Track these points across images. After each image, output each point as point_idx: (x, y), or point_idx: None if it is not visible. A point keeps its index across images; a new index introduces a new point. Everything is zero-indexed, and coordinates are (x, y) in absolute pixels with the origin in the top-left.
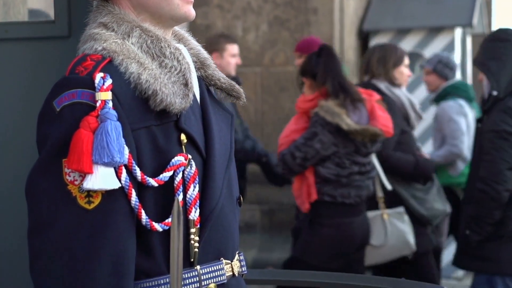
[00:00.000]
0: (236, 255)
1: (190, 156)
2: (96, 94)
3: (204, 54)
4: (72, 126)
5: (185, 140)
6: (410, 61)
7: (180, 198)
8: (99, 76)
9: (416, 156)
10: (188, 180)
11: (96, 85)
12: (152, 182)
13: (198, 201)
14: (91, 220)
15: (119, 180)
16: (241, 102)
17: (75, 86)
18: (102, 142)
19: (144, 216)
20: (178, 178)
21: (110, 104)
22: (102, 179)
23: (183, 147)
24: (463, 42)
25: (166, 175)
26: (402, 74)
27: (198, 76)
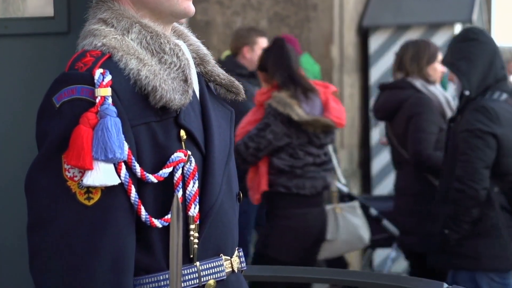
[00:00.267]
0: (236, 251)
1: (189, 152)
2: (96, 90)
3: (204, 50)
4: (72, 122)
5: (184, 136)
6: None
7: (179, 194)
8: (98, 72)
9: None
10: (187, 176)
11: (95, 81)
12: (152, 178)
13: (198, 197)
14: (91, 216)
15: (119, 176)
16: (240, 98)
17: (74, 82)
18: (102, 138)
19: (143, 212)
20: (178, 174)
21: (110, 100)
22: (102, 175)
23: (183, 143)
24: None
25: (166, 171)
26: (436, 70)
27: (197, 72)
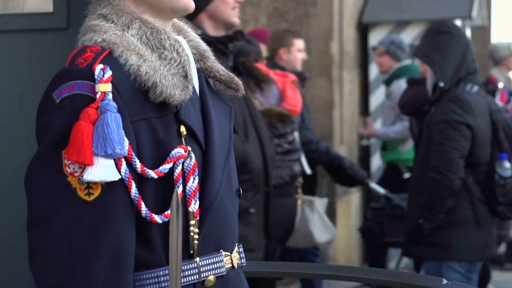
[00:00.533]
0: (236, 247)
1: (189, 148)
2: (96, 85)
3: (203, 46)
4: (72, 118)
5: (184, 132)
6: (409, 53)
7: (179, 190)
8: (99, 67)
9: None
10: (187, 172)
11: (96, 76)
12: (152, 174)
13: (198, 193)
14: (91, 212)
15: (119, 171)
16: (239, 94)
17: (74, 77)
18: (102, 133)
19: (143, 208)
20: (178, 170)
21: (110, 95)
22: (102, 170)
23: (183, 139)
24: None
25: (166, 167)
26: None
27: (197, 68)
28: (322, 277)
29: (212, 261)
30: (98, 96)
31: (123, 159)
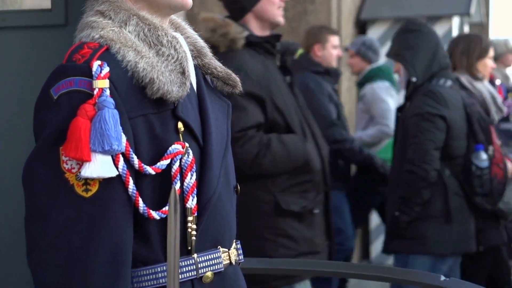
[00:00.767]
0: (233, 243)
1: (187, 145)
2: (94, 82)
3: (201, 42)
4: (70, 114)
5: (182, 129)
6: None
7: (177, 186)
8: (96, 64)
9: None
10: (185, 168)
11: (93, 73)
12: (150, 170)
13: (196, 189)
14: (89, 208)
15: (117, 168)
16: (237, 91)
17: (72, 74)
18: (99, 130)
19: (141, 204)
20: (176, 167)
21: (108, 92)
22: (99, 167)
23: (180, 135)
24: (460, 31)
25: (164, 163)
26: (486, 66)
27: (194, 64)
28: (320, 273)
29: (209, 257)
30: (95, 92)
31: (120, 155)
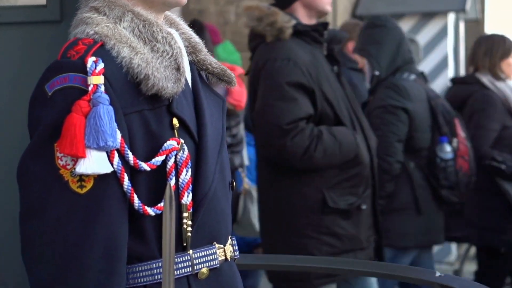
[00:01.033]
0: (229, 240)
1: (182, 141)
2: (88, 78)
3: (196, 38)
4: (64, 110)
5: (177, 125)
6: None
7: (172, 182)
8: (91, 60)
9: None
10: (180, 164)
11: (88, 69)
12: (145, 166)
13: (191, 185)
14: (83, 205)
15: (112, 164)
16: (232, 86)
17: (67, 70)
18: (94, 126)
19: (136, 201)
20: (171, 163)
21: (102, 88)
22: (94, 163)
23: (175, 131)
24: (456, 28)
25: (159, 159)
26: (510, 66)
27: (189, 60)
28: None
29: (205, 253)
30: (90, 88)
31: (115, 152)
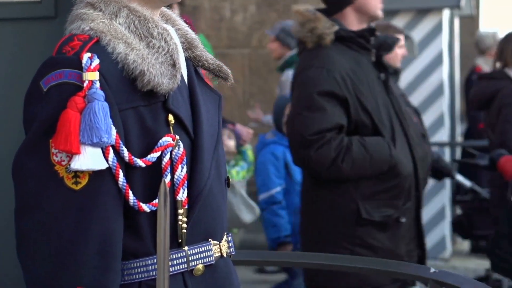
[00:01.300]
0: (224, 236)
1: (178, 137)
2: (83, 74)
3: (192, 34)
4: (59, 106)
5: (172, 121)
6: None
7: (168, 179)
8: (86, 56)
9: None
10: (176, 161)
11: (83, 65)
12: (140, 162)
13: (186, 182)
14: (78, 201)
15: (106, 160)
16: (228, 83)
17: (62, 66)
18: (89, 122)
19: (131, 197)
20: (166, 159)
21: (98, 84)
22: (89, 159)
23: (171, 128)
24: (451, 24)
25: (154, 155)
26: None
27: (185, 57)
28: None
29: (200, 250)
30: (85, 84)
31: (110, 148)
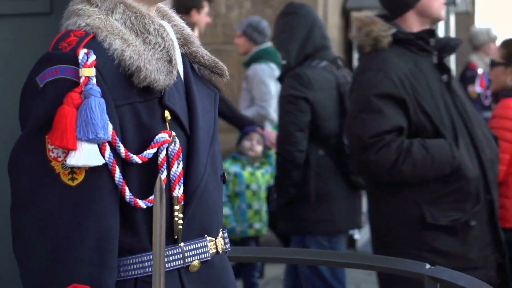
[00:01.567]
0: (220, 232)
1: (174, 133)
2: (80, 70)
3: (188, 31)
4: (56, 102)
5: (169, 117)
6: None
7: (163, 175)
8: (82, 52)
9: None
10: (172, 157)
11: (79, 61)
12: (136, 159)
13: (182, 178)
14: (75, 197)
15: (103, 156)
16: (224, 79)
17: (58, 62)
18: (85, 118)
19: (127, 193)
20: (162, 155)
21: (94, 80)
22: (86, 155)
23: (167, 124)
24: (446, 20)
25: (150, 152)
26: None
27: (181, 53)
28: (307, 262)
29: (196, 246)
30: (82, 80)
31: (107, 144)
